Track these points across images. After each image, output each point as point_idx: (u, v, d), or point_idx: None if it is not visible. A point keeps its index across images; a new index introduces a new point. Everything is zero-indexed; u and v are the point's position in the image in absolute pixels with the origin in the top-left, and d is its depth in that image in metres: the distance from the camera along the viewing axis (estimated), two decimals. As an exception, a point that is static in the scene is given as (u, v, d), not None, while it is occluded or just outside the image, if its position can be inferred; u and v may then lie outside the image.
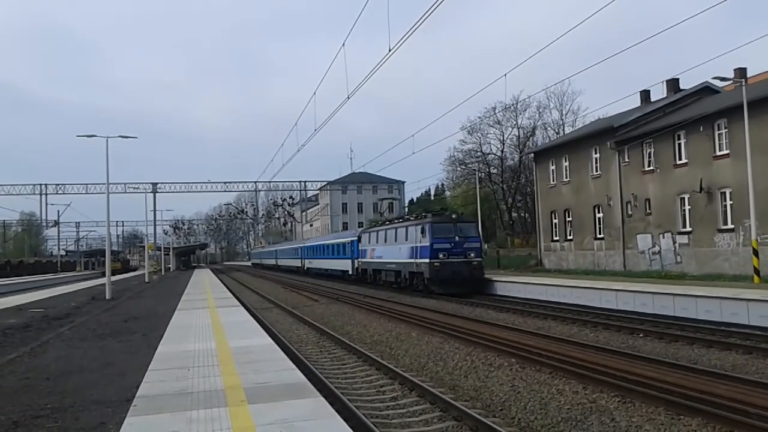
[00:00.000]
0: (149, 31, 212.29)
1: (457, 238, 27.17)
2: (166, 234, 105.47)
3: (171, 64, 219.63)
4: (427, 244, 27.06)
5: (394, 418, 8.32)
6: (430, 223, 27.55)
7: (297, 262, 61.29)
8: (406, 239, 29.54)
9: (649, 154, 30.13)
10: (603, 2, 15.97)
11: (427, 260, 26.92)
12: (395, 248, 31.04)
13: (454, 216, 29.91)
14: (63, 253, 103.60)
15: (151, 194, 69.17)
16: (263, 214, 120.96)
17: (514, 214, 65.94)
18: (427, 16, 15.05)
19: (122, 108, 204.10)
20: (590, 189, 34.42)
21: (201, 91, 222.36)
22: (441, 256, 26.69)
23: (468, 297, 25.24)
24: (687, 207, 27.88)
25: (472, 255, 27.21)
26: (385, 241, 32.93)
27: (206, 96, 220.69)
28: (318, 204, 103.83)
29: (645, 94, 36.45)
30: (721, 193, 25.98)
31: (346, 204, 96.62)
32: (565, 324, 17.18)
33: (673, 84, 33.90)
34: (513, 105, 57.69)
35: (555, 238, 37.91)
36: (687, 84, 33.88)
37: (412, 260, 28.65)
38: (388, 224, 34.38)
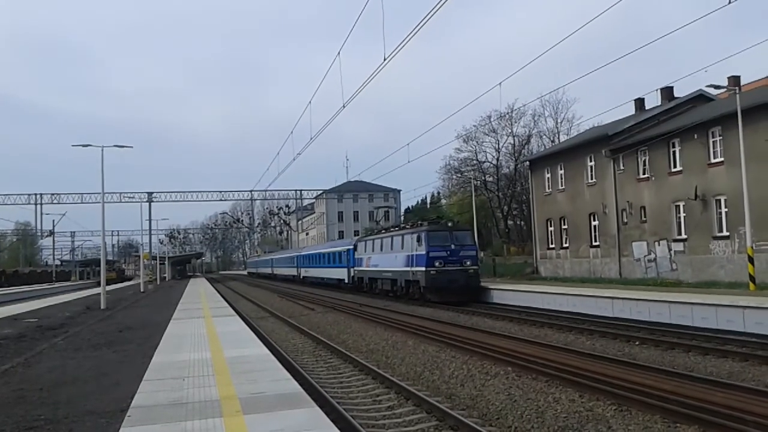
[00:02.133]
0: (145, 40, 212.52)
1: (453, 246, 27.14)
2: (161, 243, 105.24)
3: (167, 73, 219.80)
4: (423, 252, 27.03)
5: (390, 427, 8.29)
6: (426, 232, 27.54)
7: (293, 271, 61.20)
8: (402, 247, 29.51)
9: (644, 161, 30.25)
10: (597, 11, 16.07)
11: (423, 268, 26.89)
12: (391, 256, 31.02)
13: (450, 224, 29.90)
14: (58, 262, 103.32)
15: (147, 203, 69.01)
16: (259, 223, 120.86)
17: (510, 222, 66.05)
18: (422, 26, 15.14)
19: (118, 117, 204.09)
20: (585, 197, 34.51)
21: (197, 99, 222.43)
22: (437, 264, 26.65)
23: (464, 305, 25.20)
24: (682, 214, 27.97)
25: (469, 263, 27.18)
26: (381, 250, 32.91)
27: (202, 105, 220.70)
28: (314, 213, 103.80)
29: (639, 102, 36.66)
30: (716, 200, 26.08)
31: (341, 212, 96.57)
32: (562, 332, 17.16)
33: (667, 92, 34.07)
34: (508, 113, 57.94)
35: (551, 246, 37.95)
36: (681, 92, 34.09)
37: (409, 268, 28.62)
38: (384, 232, 34.37)
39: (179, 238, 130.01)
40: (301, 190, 79.47)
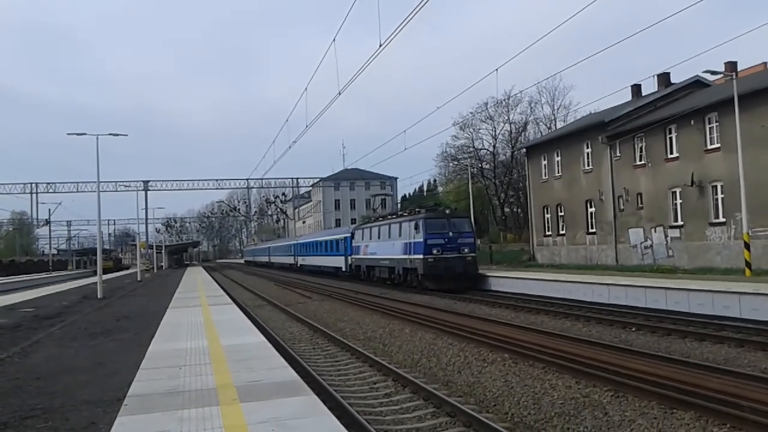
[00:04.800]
0: (139, 26, 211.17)
1: (450, 233, 27.11)
2: (158, 232, 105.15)
3: (162, 60, 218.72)
4: (421, 239, 27.00)
5: (387, 414, 8.30)
6: (423, 219, 27.48)
7: (290, 259, 61.19)
8: (400, 235, 29.48)
9: (641, 148, 30.23)
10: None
11: (421, 256, 26.87)
12: (389, 244, 30.99)
13: (447, 211, 29.82)
14: (54, 252, 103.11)
15: (143, 192, 68.73)
16: (255, 212, 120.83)
17: (507, 210, 66.03)
18: (417, 12, 15.02)
19: (113, 105, 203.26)
20: (582, 184, 34.50)
21: (192, 87, 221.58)
22: (435, 251, 26.63)
23: (461, 293, 25.22)
24: (678, 201, 27.99)
25: (466, 250, 27.15)
26: (379, 238, 32.87)
27: (198, 93, 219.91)
28: (310, 201, 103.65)
29: (636, 89, 36.62)
30: (713, 186, 26.10)
31: (338, 200, 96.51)
32: (558, 319, 17.20)
33: (664, 78, 34.03)
34: (505, 100, 57.74)
35: (547, 233, 38.00)
36: (678, 78, 34.10)
37: (406, 256, 28.61)
38: (381, 220, 34.32)
39: (176, 227, 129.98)
40: (297, 179, 79.20)
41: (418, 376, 10.35)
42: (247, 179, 75.91)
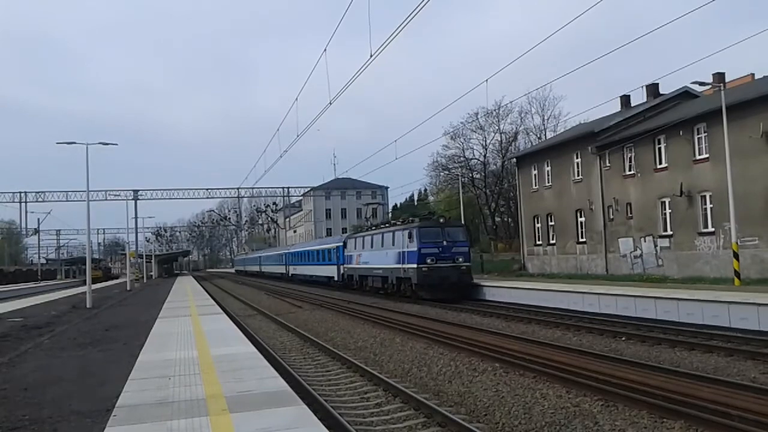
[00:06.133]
0: (128, 35, 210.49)
1: (445, 242, 27.01)
2: (147, 241, 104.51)
3: (153, 69, 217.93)
4: (415, 249, 26.91)
5: (378, 425, 8.28)
6: (417, 228, 27.39)
7: (281, 269, 60.99)
8: (393, 244, 29.40)
9: (630, 158, 30.43)
10: (583, 8, 16.15)
11: (415, 265, 26.75)
12: (382, 253, 30.92)
13: (441, 220, 29.75)
14: (43, 261, 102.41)
15: (133, 201, 68.49)
16: (246, 221, 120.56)
17: (498, 219, 66.19)
18: (408, 22, 15.12)
19: (103, 114, 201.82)
20: (572, 193, 34.67)
21: (183, 96, 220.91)
22: (429, 261, 26.52)
23: (453, 302, 25.20)
24: (668, 211, 28.17)
25: (461, 260, 27.06)
26: (372, 247, 32.78)
27: (188, 102, 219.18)
28: (301, 210, 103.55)
29: (625, 99, 36.91)
30: (702, 196, 26.29)
31: (329, 210, 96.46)
32: (549, 328, 17.23)
33: (652, 89, 34.32)
34: (495, 110, 58.02)
35: (538, 243, 38.12)
36: (667, 89, 34.39)
37: (400, 265, 28.52)
38: (374, 229, 34.23)
39: (166, 236, 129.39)
40: (288, 188, 79.27)
41: (409, 386, 10.33)
42: (237, 188, 75.90)
